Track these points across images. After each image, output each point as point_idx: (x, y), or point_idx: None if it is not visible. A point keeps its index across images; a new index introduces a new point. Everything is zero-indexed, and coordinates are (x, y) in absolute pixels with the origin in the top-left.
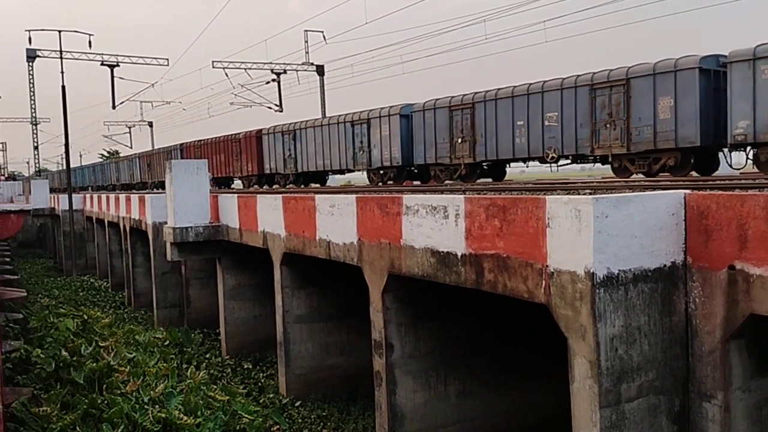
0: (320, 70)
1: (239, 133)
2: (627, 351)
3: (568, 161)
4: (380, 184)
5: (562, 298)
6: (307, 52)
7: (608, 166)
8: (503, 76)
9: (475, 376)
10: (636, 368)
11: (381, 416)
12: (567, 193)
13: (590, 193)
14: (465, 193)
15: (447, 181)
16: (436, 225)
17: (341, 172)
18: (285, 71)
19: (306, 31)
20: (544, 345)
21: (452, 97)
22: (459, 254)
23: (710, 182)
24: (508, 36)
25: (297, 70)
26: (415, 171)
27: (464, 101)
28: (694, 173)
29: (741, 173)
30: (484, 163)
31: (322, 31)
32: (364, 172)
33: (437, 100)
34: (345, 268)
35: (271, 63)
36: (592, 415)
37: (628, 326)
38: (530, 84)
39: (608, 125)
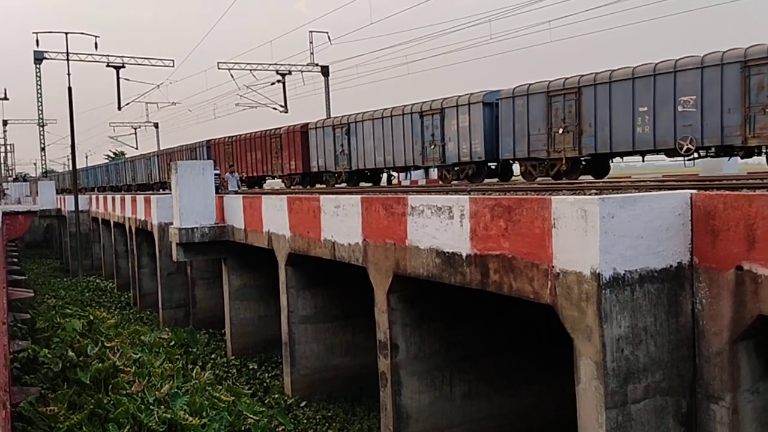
0: (325, 70)
1: (279, 128)
2: (633, 352)
3: (707, 153)
4: (454, 182)
5: (568, 298)
6: (312, 53)
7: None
8: (509, 76)
9: (480, 377)
10: (642, 369)
11: (386, 417)
12: (572, 194)
13: (596, 194)
14: (470, 194)
15: (538, 178)
16: (441, 225)
17: (405, 169)
18: (290, 72)
19: (311, 31)
20: (550, 346)
21: (551, 80)
22: (464, 255)
23: (717, 182)
24: (514, 36)
25: (302, 71)
26: (494, 168)
27: (567, 85)
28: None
29: (748, 173)
30: (581, 158)
31: (327, 32)
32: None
33: (531, 84)
34: (350, 268)
35: (276, 64)
36: (598, 416)
37: (635, 327)
38: (657, 63)
39: None
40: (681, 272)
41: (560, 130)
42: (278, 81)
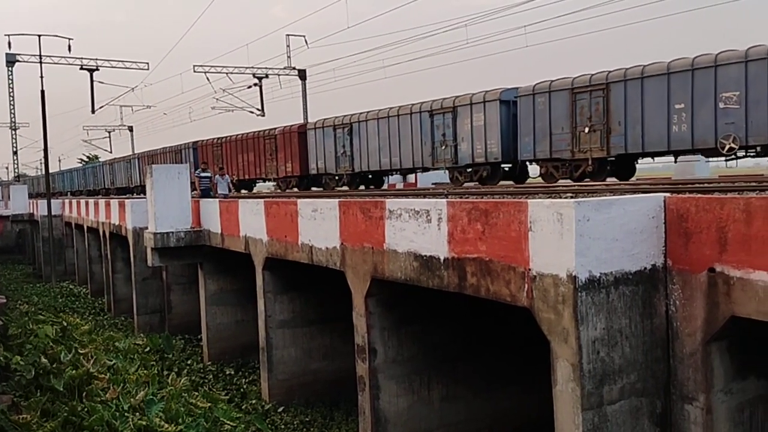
0: (302, 74)
1: (274, 128)
2: (609, 353)
3: (746, 154)
4: (466, 185)
5: (545, 301)
6: (289, 57)
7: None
8: (486, 80)
9: (458, 380)
10: (618, 371)
11: (364, 421)
12: (549, 197)
13: (572, 197)
14: (447, 197)
15: (561, 180)
16: (419, 229)
17: (412, 171)
18: (267, 76)
19: (288, 35)
20: (527, 348)
21: (576, 77)
22: (442, 258)
23: (689, 185)
24: (490, 40)
25: (279, 75)
26: (507, 170)
27: (594, 81)
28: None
29: (720, 176)
30: (609, 158)
31: (304, 36)
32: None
33: (552, 81)
34: (328, 272)
35: (253, 67)
36: (575, 418)
37: (610, 329)
38: (695, 57)
39: None
40: (655, 274)
41: (586, 129)
42: (255, 84)
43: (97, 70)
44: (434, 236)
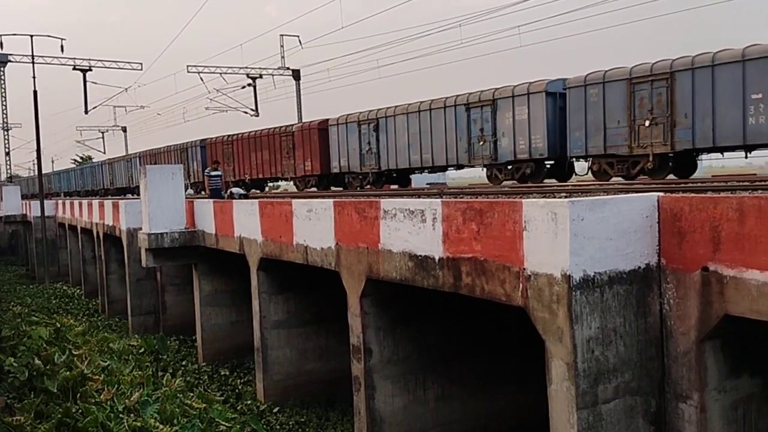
0: (296, 74)
1: (291, 125)
2: (603, 352)
3: None
4: (505, 183)
5: (540, 300)
6: (282, 57)
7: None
8: (480, 80)
9: (454, 380)
10: (612, 369)
11: (360, 421)
12: (543, 197)
13: (566, 197)
14: (442, 197)
15: (614, 178)
16: (413, 229)
17: (445, 168)
18: (261, 76)
19: (282, 35)
20: (522, 348)
21: (634, 66)
22: (436, 258)
23: (683, 185)
24: (484, 40)
25: (273, 75)
26: (549, 167)
27: (656, 70)
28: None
29: (713, 176)
30: (673, 154)
31: (298, 36)
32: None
33: (607, 71)
34: (323, 272)
35: (246, 67)
36: (570, 417)
37: (604, 328)
38: None
39: None
40: (649, 273)
41: (646, 122)
42: (249, 84)
43: (90, 70)
44: (429, 236)
